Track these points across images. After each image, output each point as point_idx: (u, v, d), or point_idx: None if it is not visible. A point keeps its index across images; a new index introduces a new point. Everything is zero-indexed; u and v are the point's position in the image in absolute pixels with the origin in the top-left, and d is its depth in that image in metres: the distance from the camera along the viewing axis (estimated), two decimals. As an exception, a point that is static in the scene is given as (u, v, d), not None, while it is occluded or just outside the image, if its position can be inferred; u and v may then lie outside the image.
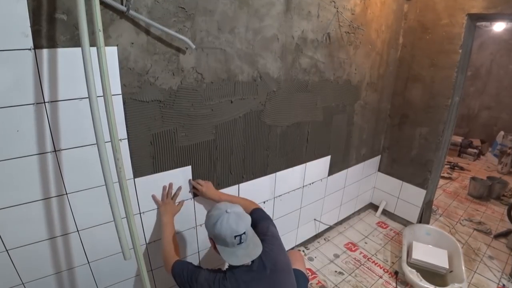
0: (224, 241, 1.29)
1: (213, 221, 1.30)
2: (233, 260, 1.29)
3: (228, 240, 1.28)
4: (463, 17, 2.51)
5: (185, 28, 1.48)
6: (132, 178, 1.57)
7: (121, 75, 1.36)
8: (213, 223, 1.30)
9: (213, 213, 1.34)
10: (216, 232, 1.29)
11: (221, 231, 1.27)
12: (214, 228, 1.29)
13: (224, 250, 1.31)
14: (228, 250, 1.30)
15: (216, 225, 1.28)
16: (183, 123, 1.65)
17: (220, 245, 1.32)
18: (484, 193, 4.16)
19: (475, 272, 2.70)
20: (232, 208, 1.34)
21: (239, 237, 1.28)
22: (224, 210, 1.33)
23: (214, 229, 1.29)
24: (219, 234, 1.28)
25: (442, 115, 2.83)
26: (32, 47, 1.12)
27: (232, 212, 1.32)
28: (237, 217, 1.31)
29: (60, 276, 1.51)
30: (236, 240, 1.28)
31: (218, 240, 1.31)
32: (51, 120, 1.24)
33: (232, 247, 1.29)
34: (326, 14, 2.09)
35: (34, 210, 1.32)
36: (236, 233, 1.28)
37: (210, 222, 1.33)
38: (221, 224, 1.28)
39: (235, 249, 1.30)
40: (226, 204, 1.38)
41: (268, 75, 1.92)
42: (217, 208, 1.37)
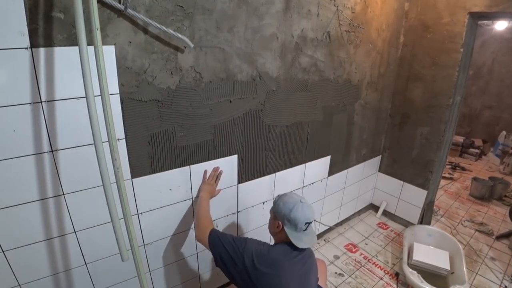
0: (295, 226, 1.45)
1: (290, 207, 1.46)
2: (299, 243, 1.44)
3: (299, 225, 1.44)
4: (465, 15, 2.52)
5: (184, 27, 1.48)
6: (130, 178, 1.57)
7: (119, 74, 1.37)
8: (289, 208, 1.45)
9: (288, 200, 1.50)
10: (292, 217, 1.44)
11: (296, 216, 1.43)
12: (290, 212, 1.44)
13: (292, 234, 1.45)
14: (295, 234, 1.46)
15: (293, 211, 1.44)
16: (182, 123, 1.65)
17: (288, 228, 1.46)
18: (486, 193, 4.17)
19: (477, 273, 2.71)
20: (303, 198, 1.52)
21: (308, 225, 1.47)
22: (298, 199, 1.49)
23: (290, 214, 1.44)
24: (294, 218, 1.43)
25: (443, 114, 2.83)
26: (29, 46, 1.12)
27: (305, 202, 1.50)
28: (309, 207, 1.50)
29: (57, 278, 1.51)
30: (304, 227, 1.46)
31: (290, 223, 1.45)
32: (48, 120, 1.24)
33: (299, 232, 1.46)
34: (326, 13, 2.09)
35: (31, 211, 1.32)
36: (308, 220, 1.46)
37: (285, 207, 1.47)
38: (297, 210, 1.44)
39: (301, 234, 1.47)
40: (296, 194, 1.57)
41: (267, 74, 1.92)
42: (290, 196, 1.53)
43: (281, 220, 1.49)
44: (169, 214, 1.81)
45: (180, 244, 1.94)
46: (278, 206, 1.52)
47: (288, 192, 1.62)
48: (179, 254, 1.98)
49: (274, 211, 1.55)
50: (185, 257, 2.02)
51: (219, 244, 1.48)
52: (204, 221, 1.65)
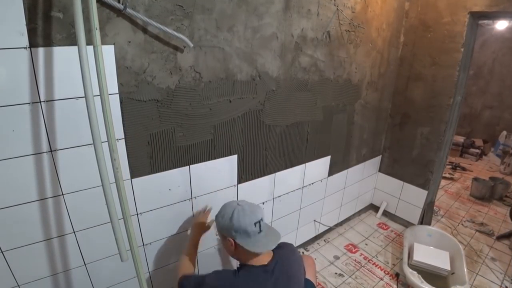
0: (245, 232, 1.29)
1: (229, 216, 1.32)
2: (259, 248, 1.29)
3: (249, 229, 1.29)
4: (465, 15, 2.52)
5: (183, 27, 1.48)
6: (129, 178, 1.57)
7: (118, 74, 1.37)
8: (229, 218, 1.32)
9: (225, 211, 1.36)
10: (236, 225, 1.29)
11: (240, 222, 1.29)
12: (231, 222, 1.30)
13: (247, 242, 1.30)
14: (251, 240, 1.30)
15: (234, 219, 1.30)
16: (181, 123, 1.65)
17: (241, 239, 1.30)
18: (486, 194, 4.18)
19: (477, 274, 2.71)
20: (240, 201, 1.39)
21: (259, 224, 1.31)
22: (234, 204, 1.37)
23: (232, 224, 1.30)
24: (238, 226, 1.29)
25: (444, 114, 2.83)
26: (28, 46, 1.12)
27: (243, 203, 1.37)
28: (249, 206, 1.36)
29: (56, 278, 1.51)
30: (257, 228, 1.30)
31: (239, 233, 1.30)
32: (47, 120, 1.24)
33: (254, 236, 1.30)
34: (326, 12, 2.09)
35: (29, 211, 1.32)
36: (256, 219, 1.31)
37: (225, 219, 1.33)
38: (238, 216, 1.30)
39: (257, 238, 1.31)
40: (232, 201, 1.42)
41: (267, 74, 1.93)
42: (225, 207, 1.40)
43: (230, 236, 1.33)
44: (169, 215, 1.81)
45: (179, 244, 1.94)
46: (219, 222, 1.38)
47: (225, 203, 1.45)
48: (179, 255, 1.98)
49: (219, 230, 1.41)
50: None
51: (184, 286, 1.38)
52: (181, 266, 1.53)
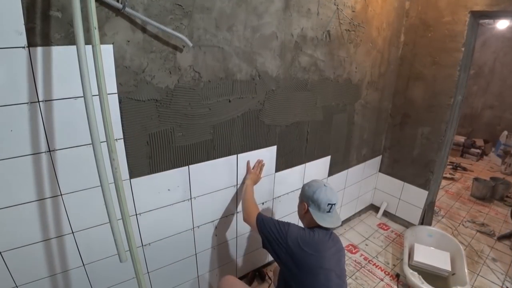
0: (318, 206, 1.59)
1: (314, 189, 1.62)
2: (322, 222, 1.57)
3: (322, 206, 1.58)
4: (466, 14, 2.52)
5: (182, 26, 1.48)
6: (128, 178, 1.57)
7: (117, 74, 1.37)
8: (313, 191, 1.61)
9: (313, 184, 1.66)
10: (315, 198, 1.59)
11: (319, 197, 1.59)
12: (314, 194, 1.60)
13: (316, 214, 1.60)
14: (319, 214, 1.60)
15: (316, 192, 1.60)
16: (180, 123, 1.65)
17: (313, 209, 1.61)
18: (487, 194, 4.18)
19: (478, 274, 2.71)
20: (328, 184, 1.68)
21: (331, 206, 1.60)
22: (322, 183, 1.66)
23: (313, 195, 1.60)
24: (317, 199, 1.59)
25: (444, 114, 2.84)
26: (26, 45, 1.12)
27: (329, 186, 1.65)
28: (332, 190, 1.64)
29: (54, 279, 1.51)
30: (327, 208, 1.59)
31: (314, 204, 1.60)
32: (45, 120, 1.24)
33: (323, 213, 1.60)
34: (326, 12, 2.10)
35: (28, 212, 1.32)
36: (330, 201, 1.60)
37: (310, 190, 1.64)
38: (320, 192, 1.60)
39: (325, 215, 1.60)
40: (321, 180, 1.73)
41: (266, 73, 1.93)
42: (315, 181, 1.70)
43: (306, 202, 1.64)
44: (168, 215, 1.81)
45: (179, 245, 1.94)
46: (304, 189, 1.69)
47: (314, 179, 1.74)
48: (178, 255, 1.98)
49: (301, 195, 1.72)
50: (184, 258, 2.02)
51: (265, 227, 1.63)
52: (251, 206, 1.84)
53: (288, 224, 1.62)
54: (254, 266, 2.60)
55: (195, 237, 2.01)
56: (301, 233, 1.57)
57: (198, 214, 1.96)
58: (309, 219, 1.63)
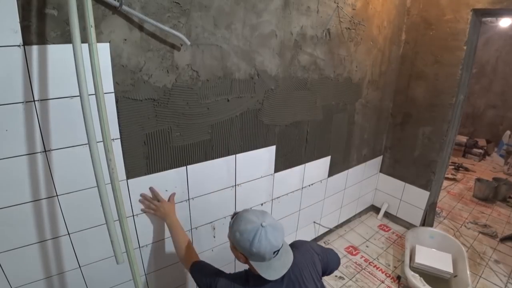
0: (262, 258, 1.21)
1: (249, 238, 1.19)
2: (271, 275, 1.22)
3: (267, 256, 1.20)
4: (468, 12, 2.53)
5: (180, 24, 1.49)
6: (125, 179, 1.57)
7: (114, 73, 1.37)
8: (249, 241, 1.19)
9: (246, 228, 1.21)
10: (255, 251, 1.19)
11: (260, 249, 1.18)
12: (251, 246, 1.18)
13: (260, 266, 1.23)
14: (264, 264, 1.23)
15: (254, 243, 1.18)
16: (178, 123, 1.66)
17: (255, 261, 1.23)
18: (489, 194, 4.19)
19: (481, 276, 2.72)
20: (265, 220, 1.23)
21: (277, 252, 1.23)
22: (258, 223, 1.21)
23: (251, 248, 1.19)
24: (257, 252, 1.19)
25: (446, 114, 2.85)
26: (22, 44, 1.12)
27: (268, 225, 1.21)
28: (274, 230, 1.22)
29: (50, 281, 1.52)
30: (273, 255, 1.22)
31: (254, 256, 1.22)
32: (41, 119, 1.25)
33: (268, 261, 1.23)
34: (326, 10, 2.10)
35: (23, 213, 1.32)
36: (276, 248, 1.21)
37: (244, 239, 1.21)
38: (260, 242, 1.18)
39: (271, 262, 1.24)
40: (256, 214, 1.27)
41: (265, 72, 1.93)
42: (248, 221, 1.24)
43: (243, 254, 1.26)
44: (165, 216, 1.81)
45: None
46: (235, 237, 1.24)
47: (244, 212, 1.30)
48: (176, 257, 1.98)
49: (233, 241, 1.29)
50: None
51: (197, 279, 1.42)
52: (183, 252, 1.58)
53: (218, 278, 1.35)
54: (253, 268, 2.60)
55: (193, 238, 2.01)
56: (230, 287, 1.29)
57: (196, 215, 1.96)
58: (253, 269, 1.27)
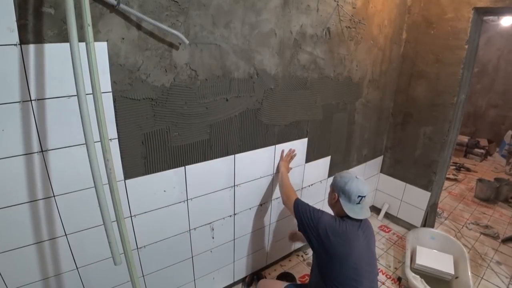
0: (349, 197, 1.69)
1: (345, 180, 1.72)
2: (352, 213, 1.67)
3: (353, 197, 1.68)
4: (469, 11, 2.54)
5: (178, 23, 1.49)
6: (122, 179, 1.58)
7: (111, 72, 1.37)
8: (345, 182, 1.71)
9: (345, 175, 1.76)
10: (346, 189, 1.69)
11: (351, 188, 1.68)
12: (345, 185, 1.70)
13: (346, 205, 1.69)
14: (349, 205, 1.69)
15: (347, 184, 1.70)
16: (176, 122, 1.66)
17: (343, 200, 1.70)
18: (491, 195, 4.20)
19: (482, 278, 2.73)
20: (359, 176, 1.77)
21: (361, 198, 1.69)
22: (354, 175, 1.75)
23: (345, 186, 1.70)
24: (348, 190, 1.68)
25: (447, 113, 2.85)
26: (18, 43, 1.13)
27: (360, 178, 1.75)
28: (363, 183, 1.73)
29: (47, 282, 1.52)
30: (357, 200, 1.68)
31: (344, 195, 1.70)
32: (38, 119, 1.25)
33: (353, 204, 1.69)
34: (326, 8, 2.10)
35: (20, 213, 1.33)
36: (361, 193, 1.69)
37: (342, 181, 1.73)
38: (351, 184, 1.69)
39: (354, 207, 1.69)
40: (353, 172, 1.84)
41: (265, 71, 1.93)
42: (347, 172, 1.82)
43: (337, 192, 1.74)
44: (164, 217, 1.81)
45: (175, 247, 1.95)
46: (336, 179, 1.80)
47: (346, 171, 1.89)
48: (174, 258, 1.99)
49: (332, 185, 1.81)
50: (180, 261, 2.02)
51: (300, 211, 1.79)
52: (290, 190, 2.03)
53: (321, 212, 1.74)
54: (252, 269, 2.61)
55: (192, 239, 2.01)
56: (331, 222, 1.67)
57: (195, 216, 1.96)
58: (339, 209, 1.73)
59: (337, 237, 1.63)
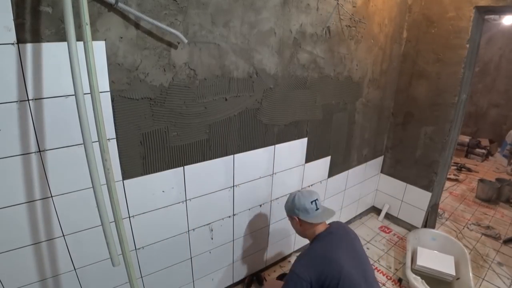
0: (305, 210, 1.71)
1: (291, 200, 1.78)
2: (317, 219, 1.72)
3: (308, 206, 1.71)
4: (471, 9, 2.54)
5: (177, 22, 1.49)
6: (121, 180, 1.58)
7: (109, 71, 1.37)
8: (291, 202, 1.78)
9: (288, 199, 1.82)
10: (297, 205, 1.73)
11: (300, 202, 1.73)
12: (294, 204, 1.75)
13: (308, 217, 1.72)
14: (310, 215, 1.72)
15: (295, 201, 1.75)
16: (175, 122, 1.66)
17: (303, 216, 1.72)
18: (492, 195, 4.20)
19: (483, 279, 2.73)
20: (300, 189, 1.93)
21: (315, 202, 1.74)
22: (295, 193, 1.81)
23: (294, 205, 1.75)
24: (299, 205, 1.73)
25: (448, 113, 2.86)
26: (15, 42, 1.13)
27: (302, 190, 1.85)
28: (307, 191, 1.81)
29: (44, 284, 1.52)
30: (314, 206, 1.72)
31: (301, 212, 1.73)
32: (35, 119, 1.25)
33: (313, 213, 1.72)
34: (326, 7, 2.11)
35: (17, 214, 1.33)
36: (312, 198, 1.74)
37: (290, 204, 1.78)
38: (298, 199, 1.75)
39: (316, 213, 1.73)
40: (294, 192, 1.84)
41: (264, 71, 1.94)
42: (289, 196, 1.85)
43: (295, 215, 1.76)
44: (162, 217, 1.82)
45: (173, 248, 1.95)
46: (286, 207, 1.85)
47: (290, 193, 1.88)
48: (172, 259, 1.99)
49: (287, 214, 1.86)
50: (178, 262, 2.03)
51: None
52: None
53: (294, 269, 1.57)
54: (251, 270, 2.61)
55: (190, 240, 2.02)
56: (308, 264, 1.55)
57: (194, 217, 1.97)
58: (307, 227, 1.75)
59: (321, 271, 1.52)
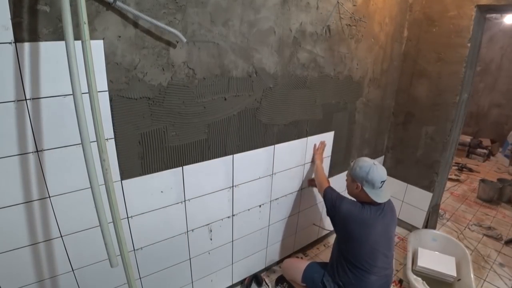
0: (372, 185, 1.86)
1: (366, 170, 1.88)
2: (377, 198, 1.87)
3: (376, 184, 1.86)
4: (472, 8, 2.54)
5: (176, 21, 1.49)
6: (119, 180, 1.58)
7: (108, 71, 1.37)
8: (366, 171, 1.87)
9: (363, 164, 1.91)
10: (369, 178, 1.86)
11: (373, 176, 1.85)
12: (367, 174, 1.86)
13: (371, 191, 1.88)
14: (373, 191, 1.88)
15: (369, 173, 1.86)
16: (174, 122, 1.66)
17: (367, 188, 1.88)
18: (494, 196, 4.21)
19: (485, 280, 2.74)
20: (375, 161, 1.93)
21: (383, 182, 1.88)
22: (371, 162, 1.91)
23: (367, 175, 1.86)
24: (371, 179, 1.85)
25: (449, 113, 2.86)
26: (13, 41, 1.13)
27: (378, 164, 1.93)
28: (382, 168, 1.92)
29: (42, 285, 1.52)
30: (380, 184, 1.87)
31: (367, 183, 1.87)
32: (33, 119, 1.25)
33: (377, 189, 1.88)
34: (326, 6, 2.11)
35: (14, 215, 1.33)
36: (382, 179, 1.88)
37: (362, 171, 1.89)
38: (373, 172, 1.86)
39: (378, 191, 1.88)
40: (369, 158, 1.97)
41: (264, 70, 1.94)
42: (364, 161, 1.94)
43: (360, 182, 1.90)
44: (161, 218, 1.82)
45: (172, 249, 1.95)
46: (355, 170, 1.94)
47: (360, 158, 2.01)
48: (171, 260, 1.99)
49: (352, 175, 1.97)
50: (177, 263, 2.03)
51: (326, 200, 2.08)
52: (322, 180, 2.30)
53: (342, 201, 1.96)
54: (251, 271, 2.61)
55: (189, 241, 2.02)
56: (351, 210, 1.90)
57: (192, 217, 1.97)
58: (362, 196, 1.93)
59: (355, 223, 1.87)
